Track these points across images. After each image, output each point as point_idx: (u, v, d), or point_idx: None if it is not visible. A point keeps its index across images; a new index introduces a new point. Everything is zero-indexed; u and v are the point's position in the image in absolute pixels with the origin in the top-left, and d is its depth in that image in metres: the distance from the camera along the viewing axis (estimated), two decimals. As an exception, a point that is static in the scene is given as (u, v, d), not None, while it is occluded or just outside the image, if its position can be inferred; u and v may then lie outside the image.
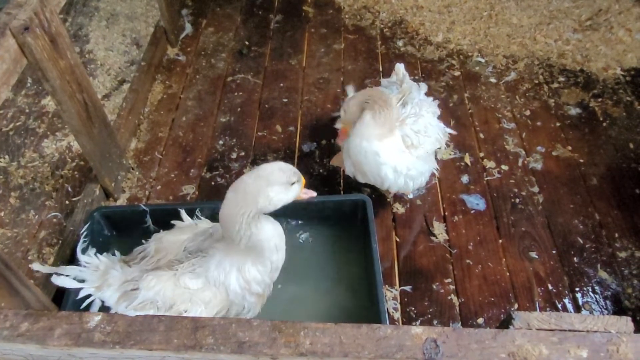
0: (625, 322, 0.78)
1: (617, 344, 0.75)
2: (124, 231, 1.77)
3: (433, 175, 2.03)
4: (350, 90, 1.69)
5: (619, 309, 1.67)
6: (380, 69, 2.56)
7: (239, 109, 2.36)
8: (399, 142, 1.55)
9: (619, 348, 0.75)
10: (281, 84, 2.48)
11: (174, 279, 1.35)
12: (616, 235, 1.86)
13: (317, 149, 2.18)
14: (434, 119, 1.69)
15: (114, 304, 1.37)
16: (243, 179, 1.25)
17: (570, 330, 0.77)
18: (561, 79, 2.44)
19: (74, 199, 1.98)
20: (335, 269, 1.64)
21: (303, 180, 1.34)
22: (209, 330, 0.78)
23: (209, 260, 1.37)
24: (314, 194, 1.40)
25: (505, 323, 0.81)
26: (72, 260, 1.68)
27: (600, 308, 1.67)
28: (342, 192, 2.01)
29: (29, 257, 1.82)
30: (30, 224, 1.92)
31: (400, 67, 1.92)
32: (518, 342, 0.76)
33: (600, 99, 2.34)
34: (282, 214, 1.73)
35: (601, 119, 2.26)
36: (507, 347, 0.76)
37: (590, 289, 1.72)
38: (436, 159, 1.80)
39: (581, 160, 2.10)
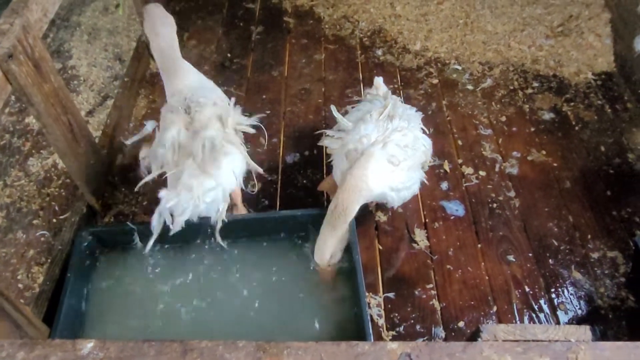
0: (584, 331, 0.85)
1: (576, 352, 0.82)
2: (113, 249, 1.80)
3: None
4: (334, 110, 1.75)
5: (592, 309, 1.75)
6: (361, 78, 2.61)
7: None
8: (386, 167, 1.59)
9: (577, 356, 0.81)
10: (263, 96, 2.53)
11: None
12: (589, 236, 1.94)
13: (301, 160, 2.23)
14: (420, 132, 1.75)
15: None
16: None
17: (533, 341, 0.84)
18: (535, 84, 2.52)
19: (61, 217, 2.01)
20: (319, 280, 1.70)
21: None
22: (197, 353, 0.83)
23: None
24: None
25: (474, 336, 0.87)
26: (62, 279, 1.71)
27: (575, 308, 1.75)
28: (325, 203, 2.06)
29: (18, 277, 1.84)
30: (18, 243, 1.95)
31: (379, 81, 1.97)
32: (486, 353, 0.82)
33: (572, 104, 2.42)
34: (264, 230, 1.79)
35: (574, 123, 2.34)
36: (475, 359, 0.82)
37: (565, 290, 1.80)
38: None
39: (555, 164, 2.18)
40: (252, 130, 1.77)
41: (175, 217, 1.54)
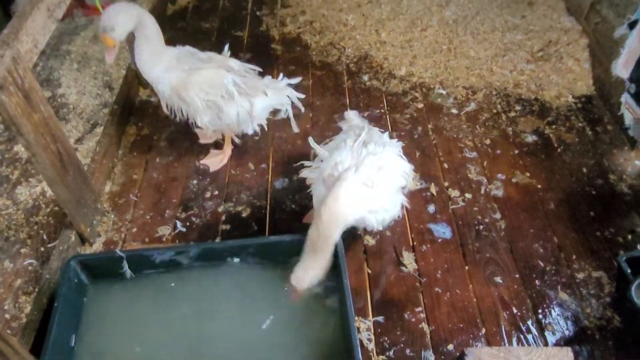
0: (566, 352, 0.87)
1: (559, 374, 0.84)
2: (102, 277, 1.79)
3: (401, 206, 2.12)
4: (311, 141, 1.81)
5: (579, 329, 1.77)
6: (348, 103, 2.66)
7: (211, 148, 2.42)
8: (361, 190, 1.62)
9: (560, 378, 0.83)
10: (252, 122, 2.55)
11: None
12: (574, 257, 1.97)
13: (290, 185, 2.25)
14: (399, 158, 1.78)
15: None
16: None
17: (517, 364, 0.85)
18: (517, 107, 2.58)
19: (49, 246, 1.99)
20: (308, 305, 1.70)
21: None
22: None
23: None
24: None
25: (459, 358, 0.88)
26: (50, 308, 1.70)
27: (562, 329, 1.76)
28: (314, 227, 2.07)
29: (5, 307, 1.82)
30: (6, 272, 1.93)
31: (350, 114, 2.02)
32: (471, 377, 0.84)
33: (554, 126, 2.48)
34: (256, 254, 1.80)
35: (556, 145, 2.40)
36: (461, 383, 0.83)
37: (552, 311, 1.82)
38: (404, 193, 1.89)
39: (539, 186, 2.22)
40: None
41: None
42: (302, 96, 2.21)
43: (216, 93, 2.04)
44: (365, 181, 1.61)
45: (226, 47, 2.20)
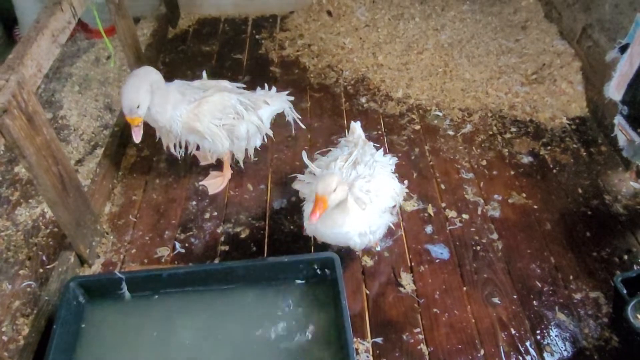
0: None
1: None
2: (101, 299, 1.79)
3: (399, 227, 2.14)
4: (305, 156, 1.84)
5: (578, 350, 1.77)
6: (345, 125, 2.70)
7: (210, 170, 2.44)
8: (355, 207, 1.65)
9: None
10: (251, 143, 2.58)
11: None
12: (571, 277, 1.98)
13: (288, 206, 2.27)
14: (389, 178, 1.81)
15: None
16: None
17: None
18: (513, 129, 2.62)
19: (48, 267, 2.00)
20: (307, 327, 1.70)
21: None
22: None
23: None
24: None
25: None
26: (48, 331, 1.69)
27: (560, 350, 1.76)
28: (312, 248, 2.08)
29: (3, 329, 1.82)
30: (4, 294, 1.93)
31: (355, 125, 2.03)
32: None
33: (549, 147, 2.52)
34: (254, 276, 1.81)
35: (551, 166, 2.43)
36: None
37: (550, 331, 1.82)
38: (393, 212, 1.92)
39: (535, 207, 2.24)
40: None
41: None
42: (292, 98, 2.35)
43: (228, 116, 2.07)
44: (357, 201, 1.64)
45: (204, 72, 2.30)
